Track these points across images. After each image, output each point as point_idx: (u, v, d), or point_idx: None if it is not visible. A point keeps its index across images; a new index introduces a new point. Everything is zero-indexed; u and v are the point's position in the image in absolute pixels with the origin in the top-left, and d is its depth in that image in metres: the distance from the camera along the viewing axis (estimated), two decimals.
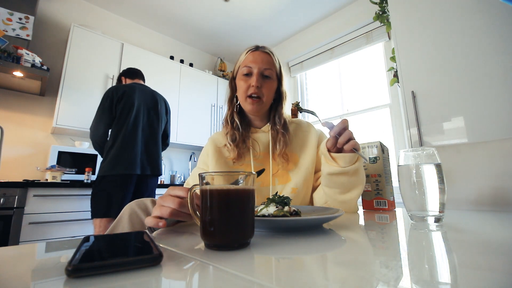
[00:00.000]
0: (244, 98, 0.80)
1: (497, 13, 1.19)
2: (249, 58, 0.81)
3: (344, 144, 0.60)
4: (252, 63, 0.80)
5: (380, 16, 2.02)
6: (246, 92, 0.79)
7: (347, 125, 0.61)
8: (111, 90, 1.73)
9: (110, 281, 0.22)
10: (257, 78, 0.78)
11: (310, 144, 0.83)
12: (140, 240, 0.33)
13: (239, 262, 0.27)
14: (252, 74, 0.80)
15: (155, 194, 1.89)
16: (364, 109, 2.62)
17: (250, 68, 0.80)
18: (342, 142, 0.60)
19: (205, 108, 3.17)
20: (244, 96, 0.80)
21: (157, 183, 1.91)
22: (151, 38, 3.13)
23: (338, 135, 0.61)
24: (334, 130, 0.60)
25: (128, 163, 1.61)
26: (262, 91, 0.79)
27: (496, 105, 1.14)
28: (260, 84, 0.78)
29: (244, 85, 0.80)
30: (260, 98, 0.79)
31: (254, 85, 0.78)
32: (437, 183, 0.48)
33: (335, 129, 0.60)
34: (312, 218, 0.42)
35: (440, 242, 0.37)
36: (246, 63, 0.81)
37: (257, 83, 0.78)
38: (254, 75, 0.79)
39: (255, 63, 0.79)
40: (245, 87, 0.79)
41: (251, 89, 0.78)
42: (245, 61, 0.81)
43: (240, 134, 0.81)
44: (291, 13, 2.83)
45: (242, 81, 0.81)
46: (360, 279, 0.23)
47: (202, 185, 0.35)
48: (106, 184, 1.58)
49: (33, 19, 2.08)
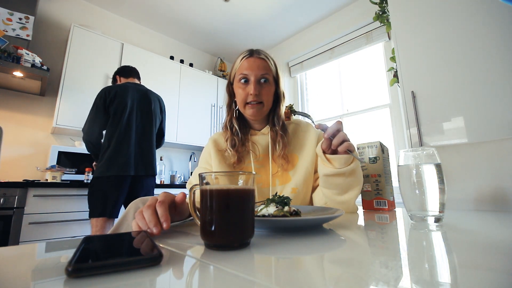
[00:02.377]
0: (243, 105, 0.80)
1: (497, 13, 1.19)
2: (245, 65, 0.80)
3: (338, 145, 0.60)
4: (248, 70, 0.79)
5: (380, 16, 2.02)
6: (245, 100, 0.79)
7: (340, 127, 0.61)
8: (104, 91, 1.73)
9: (110, 281, 0.22)
10: (254, 86, 0.78)
11: (309, 144, 0.83)
12: (140, 240, 0.33)
13: (239, 262, 0.27)
14: (249, 82, 0.79)
15: (153, 193, 1.89)
16: (364, 109, 2.62)
17: (247, 76, 0.79)
18: (336, 144, 0.60)
19: (205, 108, 3.17)
20: (243, 103, 0.80)
21: (154, 182, 1.90)
22: (151, 38, 3.13)
23: (332, 137, 0.61)
24: (327, 132, 0.60)
25: (122, 165, 1.62)
26: (262, 97, 0.79)
27: (496, 105, 1.14)
28: (258, 91, 0.78)
29: (242, 93, 0.80)
30: (261, 103, 0.79)
31: (252, 94, 0.77)
32: (437, 183, 0.48)
33: (328, 131, 0.60)
34: (312, 218, 0.42)
35: (440, 242, 0.37)
36: (242, 70, 0.80)
37: (255, 91, 0.77)
38: (252, 83, 0.78)
39: (251, 70, 0.78)
40: (244, 95, 0.79)
41: (250, 97, 0.78)
42: (240, 68, 0.80)
43: (240, 139, 0.82)
44: (291, 13, 2.83)
45: (240, 89, 0.80)
46: (360, 279, 0.23)
47: (202, 185, 0.35)
48: (102, 184, 1.59)
49: (33, 19, 2.08)
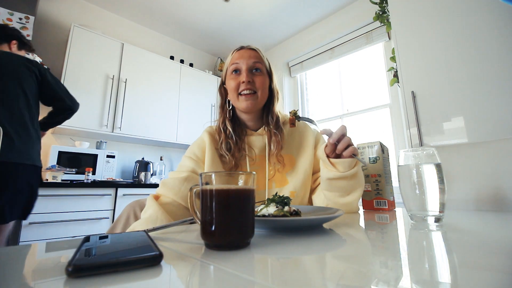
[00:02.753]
0: (236, 96, 0.77)
1: (497, 13, 1.19)
2: (235, 56, 0.78)
3: (343, 150, 0.60)
4: (239, 59, 0.77)
5: (380, 16, 2.02)
6: (237, 90, 0.76)
7: (345, 132, 0.61)
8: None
9: (110, 281, 0.22)
10: (246, 74, 0.75)
11: (307, 144, 0.81)
12: (140, 240, 0.33)
13: (239, 262, 0.27)
14: (240, 71, 0.77)
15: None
16: (364, 109, 2.62)
17: (238, 64, 0.77)
18: (341, 149, 0.60)
19: (205, 108, 3.17)
20: (235, 94, 0.77)
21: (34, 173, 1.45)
22: (151, 38, 3.13)
23: (337, 142, 0.61)
24: (333, 137, 0.60)
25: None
26: (255, 86, 0.76)
27: (496, 105, 1.14)
28: (251, 79, 0.75)
29: (233, 83, 0.76)
30: (255, 93, 0.76)
31: (245, 81, 0.74)
32: (437, 183, 0.48)
33: (333, 136, 0.60)
34: (312, 218, 0.42)
35: (440, 242, 0.37)
36: (233, 61, 0.78)
37: (247, 78, 0.75)
38: (244, 71, 0.76)
39: (242, 58, 0.77)
40: (235, 84, 0.76)
41: (242, 85, 0.75)
42: (231, 60, 0.79)
43: (235, 142, 0.78)
44: (291, 13, 2.83)
45: (232, 80, 0.77)
46: (360, 279, 0.23)
47: (202, 185, 0.35)
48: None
49: (33, 19, 2.08)
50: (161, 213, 0.62)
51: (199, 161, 0.77)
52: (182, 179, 0.72)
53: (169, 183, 0.71)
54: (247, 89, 0.75)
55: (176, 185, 0.70)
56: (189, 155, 0.79)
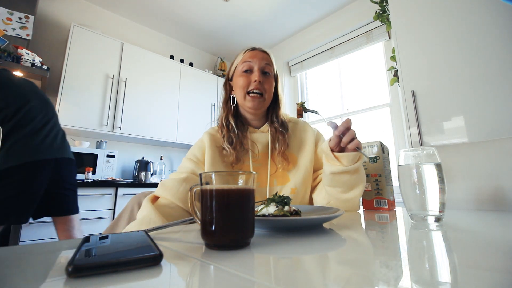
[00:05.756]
0: (244, 94, 0.78)
1: (497, 13, 1.19)
2: (248, 55, 0.80)
3: (348, 143, 0.61)
4: (251, 59, 0.78)
5: (380, 15, 2.02)
6: (246, 88, 0.77)
7: (350, 125, 0.62)
8: None
9: (110, 281, 0.22)
10: (259, 74, 0.77)
11: (307, 143, 0.82)
12: (140, 239, 0.33)
13: (239, 262, 0.27)
14: (252, 70, 0.78)
15: None
16: (364, 109, 2.62)
17: (251, 64, 0.78)
18: (346, 142, 0.61)
19: (205, 107, 3.17)
20: (243, 92, 0.78)
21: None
22: (151, 37, 3.13)
23: (342, 135, 0.62)
24: (338, 129, 0.61)
25: None
26: (264, 87, 0.78)
27: (496, 105, 1.14)
28: (262, 79, 0.77)
29: (244, 81, 0.77)
30: (262, 95, 0.78)
31: (257, 80, 0.76)
32: (437, 183, 0.48)
33: (339, 128, 0.61)
34: (312, 218, 0.42)
35: (440, 241, 0.37)
36: (246, 59, 0.79)
37: (260, 78, 0.76)
38: (256, 71, 0.77)
39: (255, 58, 0.78)
40: (246, 83, 0.77)
41: (253, 84, 0.76)
42: (244, 58, 0.80)
43: (237, 135, 0.78)
44: (291, 13, 2.83)
45: (242, 77, 0.78)
46: (360, 278, 0.23)
47: (202, 185, 0.35)
48: None
49: (33, 18, 2.08)
50: (155, 215, 0.61)
51: (199, 162, 0.77)
52: (181, 180, 0.72)
53: (168, 184, 0.71)
54: (257, 89, 0.77)
55: (175, 186, 0.70)
56: (189, 156, 0.80)
